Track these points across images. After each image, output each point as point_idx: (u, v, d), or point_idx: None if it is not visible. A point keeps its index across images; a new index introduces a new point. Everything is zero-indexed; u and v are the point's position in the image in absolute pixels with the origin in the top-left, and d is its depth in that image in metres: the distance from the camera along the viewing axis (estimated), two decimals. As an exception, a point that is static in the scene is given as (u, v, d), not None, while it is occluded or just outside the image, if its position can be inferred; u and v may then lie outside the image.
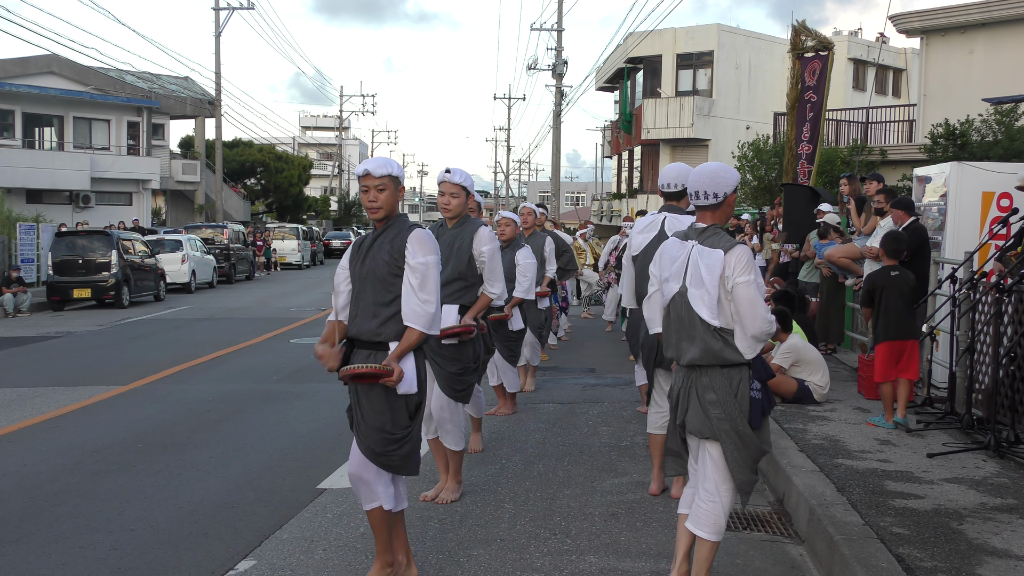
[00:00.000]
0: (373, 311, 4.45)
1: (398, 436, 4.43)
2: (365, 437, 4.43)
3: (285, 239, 42.96)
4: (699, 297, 4.20)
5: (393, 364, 4.34)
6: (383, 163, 4.51)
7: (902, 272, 7.69)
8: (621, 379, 10.80)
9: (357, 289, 4.53)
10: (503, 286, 6.16)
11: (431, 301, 4.41)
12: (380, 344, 4.44)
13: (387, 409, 4.41)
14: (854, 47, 37.58)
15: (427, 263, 4.42)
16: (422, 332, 4.41)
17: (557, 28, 37.75)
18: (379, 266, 4.45)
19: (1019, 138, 16.81)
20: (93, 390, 10.32)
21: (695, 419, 4.27)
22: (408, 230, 4.51)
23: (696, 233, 4.33)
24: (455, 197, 5.96)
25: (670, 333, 4.39)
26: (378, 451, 4.41)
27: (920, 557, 4.52)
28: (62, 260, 21.11)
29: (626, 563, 4.96)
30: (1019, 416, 6.75)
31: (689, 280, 4.26)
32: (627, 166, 43.28)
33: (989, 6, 20.01)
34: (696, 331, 4.22)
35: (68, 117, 38.30)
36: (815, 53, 13.88)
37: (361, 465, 4.45)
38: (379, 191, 4.47)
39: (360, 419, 4.46)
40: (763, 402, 4.26)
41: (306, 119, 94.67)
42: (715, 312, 4.17)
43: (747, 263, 4.16)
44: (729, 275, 4.15)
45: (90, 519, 5.82)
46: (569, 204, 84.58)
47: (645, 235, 5.72)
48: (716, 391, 4.22)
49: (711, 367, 4.24)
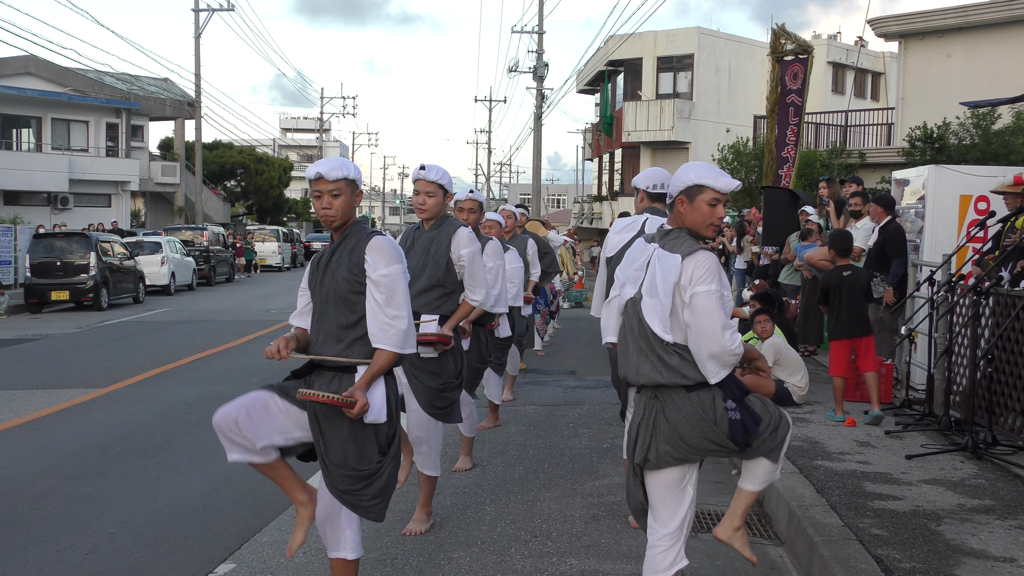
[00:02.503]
0: (337, 335, 3.96)
1: (365, 472, 3.90)
2: (330, 473, 3.93)
3: (265, 241, 42.86)
4: (651, 307, 3.67)
5: (358, 394, 3.81)
6: (338, 165, 3.98)
7: (854, 271, 7.94)
8: (602, 381, 10.81)
9: (318, 312, 4.03)
10: (486, 292, 5.62)
11: (401, 316, 3.92)
12: (346, 368, 3.96)
13: (351, 440, 3.90)
14: (833, 51, 37.76)
15: (391, 274, 3.91)
16: (394, 353, 3.91)
17: (538, 31, 37.76)
18: (339, 283, 3.95)
19: (996, 141, 16.94)
20: (71, 393, 10.25)
21: (667, 451, 3.69)
22: (366, 239, 3.98)
23: (660, 235, 3.82)
24: (431, 196, 5.42)
25: (626, 345, 3.82)
26: (342, 488, 3.91)
27: (899, 558, 4.54)
28: (40, 262, 20.96)
29: (607, 565, 4.96)
30: (996, 418, 6.80)
31: (645, 287, 3.74)
32: (608, 168, 43.33)
33: (966, 11, 20.17)
34: (649, 346, 3.68)
35: (46, 118, 38.03)
36: (795, 56, 13.97)
37: (330, 504, 3.97)
38: (334, 197, 3.96)
39: (323, 452, 3.94)
40: (745, 419, 3.70)
41: (286, 121, 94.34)
42: (667, 325, 3.63)
43: (708, 270, 3.60)
44: (686, 283, 3.60)
45: (68, 523, 5.78)
46: (550, 207, 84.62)
47: (622, 235, 5.26)
48: (689, 420, 3.64)
49: (674, 389, 3.66)
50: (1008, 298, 6.92)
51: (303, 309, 4.14)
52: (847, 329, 7.87)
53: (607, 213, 40.20)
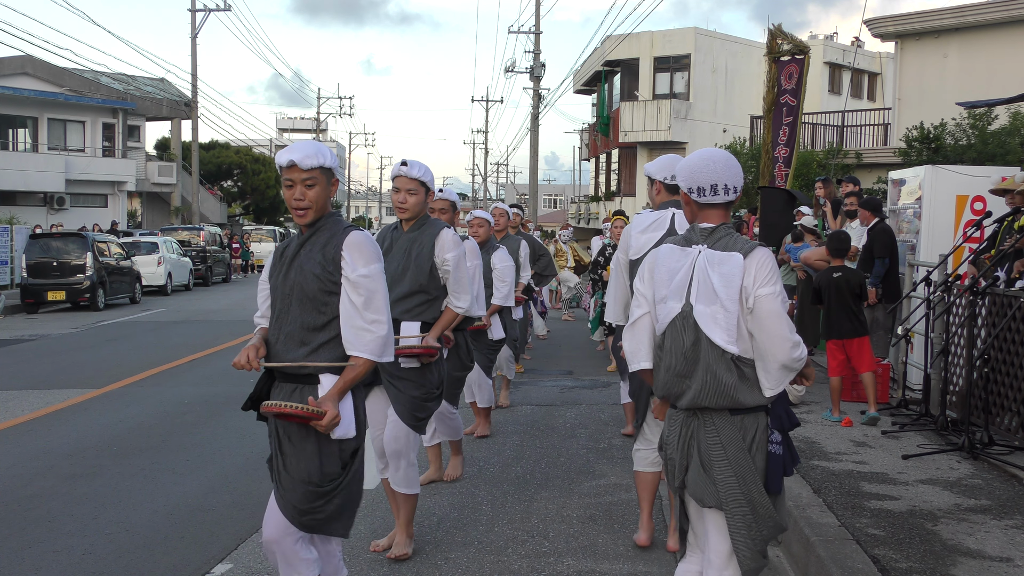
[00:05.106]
0: (300, 337, 3.54)
1: (326, 489, 3.55)
2: (287, 491, 3.55)
3: (262, 241, 42.84)
4: (711, 316, 3.25)
5: (328, 406, 3.42)
6: (313, 151, 3.53)
7: (845, 272, 7.99)
8: (599, 381, 10.81)
9: (279, 309, 3.61)
10: (471, 298, 5.21)
11: (381, 321, 3.52)
12: (308, 377, 3.55)
13: (316, 455, 3.53)
14: (829, 51, 37.79)
15: (371, 274, 3.52)
16: (371, 361, 3.51)
17: (535, 31, 37.79)
18: (307, 280, 3.53)
19: (992, 142, 16.96)
20: (68, 393, 10.24)
21: (695, 482, 3.34)
22: (343, 234, 3.57)
23: (703, 235, 3.38)
24: (412, 194, 5.04)
25: (664, 368, 3.40)
26: (302, 508, 3.54)
27: (895, 558, 4.55)
28: (36, 262, 20.92)
29: (604, 565, 4.96)
30: (993, 418, 6.81)
31: (695, 295, 3.30)
32: (605, 169, 43.35)
33: (963, 11, 20.19)
34: (702, 362, 3.28)
35: (42, 118, 37.98)
36: (791, 57, 13.96)
37: (281, 530, 3.57)
38: (307, 187, 3.53)
39: (281, 468, 3.57)
40: (785, 459, 3.34)
41: (283, 121, 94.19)
42: (733, 335, 3.23)
43: (771, 269, 3.27)
44: (750, 285, 3.24)
45: (64, 523, 5.77)
46: (547, 207, 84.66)
47: (650, 235, 4.72)
48: (725, 445, 3.28)
49: (718, 412, 3.29)
50: (1004, 298, 6.92)
51: (267, 308, 3.74)
52: (838, 329, 7.94)
53: (603, 213, 40.19)
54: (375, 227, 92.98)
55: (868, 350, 7.98)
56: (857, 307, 8.01)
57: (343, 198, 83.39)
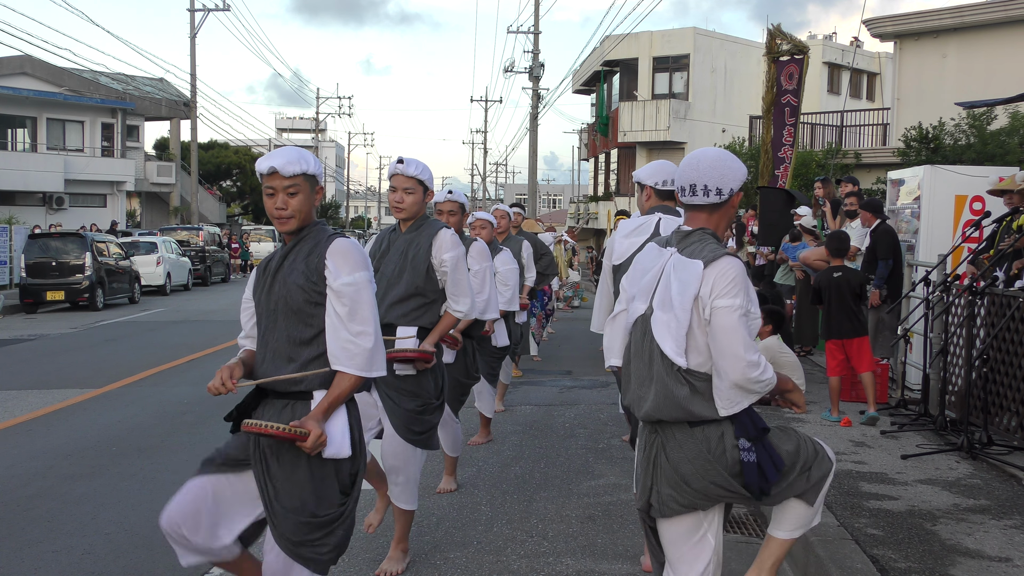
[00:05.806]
0: (288, 352, 3.34)
1: (326, 518, 3.29)
2: (279, 522, 3.27)
3: (261, 241, 42.86)
4: (664, 324, 3.09)
5: (311, 424, 3.19)
6: (295, 157, 3.35)
7: (845, 272, 7.99)
8: (598, 381, 10.82)
9: (265, 325, 3.41)
10: (470, 302, 4.94)
11: (367, 332, 3.30)
12: (301, 394, 3.35)
13: (308, 480, 3.27)
14: (828, 51, 37.80)
15: (356, 283, 3.31)
16: (358, 376, 3.30)
17: (534, 31, 37.79)
18: (292, 293, 3.33)
19: (991, 142, 16.97)
20: (67, 393, 10.24)
21: (664, 498, 3.15)
22: (327, 241, 3.37)
23: (678, 238, 3.24)
24: (409, 193, 4.79)
25: (630, 371, 3.27)
26: (296, 540, 3.26)
27: (894, 558, 4.55)
28: (35, 262, 20.91)
29: (603, 565, 4.97)
30: (992, 418, 6.82)
31: (657, 299, 3.16)
32: (604, 169, 43.37)
33: (962, 11, 20.20)
34: (655, 370, 3.12)
35: (41, 118, 37.97)
36: (790, 57, 13.97)
37: (283, 565, 3.31)
38: (290, 195, 3.34)
39: (272, 497, 3.29)
40: (763, 462, 3.10)
41: (282, 121, 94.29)
42: (681, 346, 3.06)
43: (733, 281, 3.04)
44: (706, 295, 3.04)
45: (63, 523, 5.77)
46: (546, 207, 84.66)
47: (633, 239, 4.61)
48: (692, 461, 3.09)
49: (677, 425, 3.11)
50: (1003, 298, 6.93)
51: (252, 328, 3.54)
52: (837, 329, 7.95)
53: (603, 213, 40.22)
54: (374, 227, 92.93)
55: (868, 350, 7.99)
56: (857, 307, 8.02)
57: (342, 198, 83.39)
